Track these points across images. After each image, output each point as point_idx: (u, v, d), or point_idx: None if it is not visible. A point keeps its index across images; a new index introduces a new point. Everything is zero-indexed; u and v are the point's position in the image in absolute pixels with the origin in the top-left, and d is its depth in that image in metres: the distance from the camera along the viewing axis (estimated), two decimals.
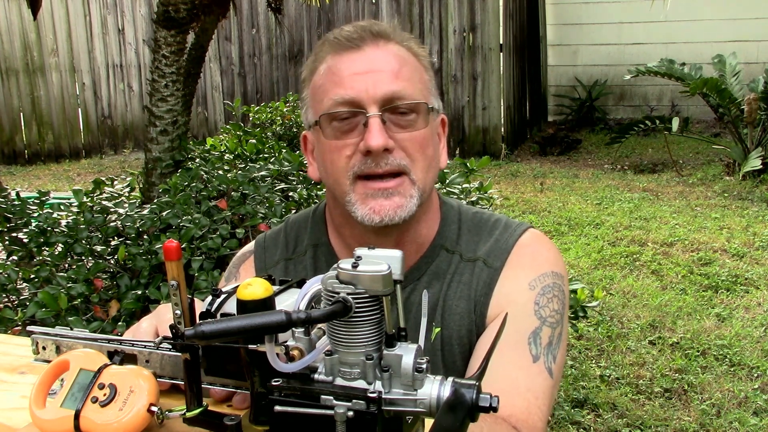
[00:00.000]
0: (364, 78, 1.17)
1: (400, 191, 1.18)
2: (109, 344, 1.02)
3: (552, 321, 1.22)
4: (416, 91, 1.20)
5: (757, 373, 3.53)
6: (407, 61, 1.22)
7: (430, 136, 1.23)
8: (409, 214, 1.19)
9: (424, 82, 1.24)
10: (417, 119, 1.19)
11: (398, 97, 1.17)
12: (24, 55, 9.30)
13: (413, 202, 1.19)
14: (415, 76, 1.22)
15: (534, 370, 1.18)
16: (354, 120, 1.18)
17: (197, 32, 3.90)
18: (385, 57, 1.20)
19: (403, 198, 1.18)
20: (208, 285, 2.45)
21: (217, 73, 9.75)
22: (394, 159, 1.18)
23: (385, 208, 1.18)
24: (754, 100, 6.78)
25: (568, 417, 3.17)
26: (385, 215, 1.18)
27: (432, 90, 1.26)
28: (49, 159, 9.48)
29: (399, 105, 1.17)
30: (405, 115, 1.18)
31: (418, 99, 1.19)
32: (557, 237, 5.55)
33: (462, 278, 1.26)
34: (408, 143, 1.19)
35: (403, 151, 1.18)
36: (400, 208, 1.18)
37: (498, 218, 1.33)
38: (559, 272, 1.27)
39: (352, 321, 0.77)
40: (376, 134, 1.15)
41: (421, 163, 1.20)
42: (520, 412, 1.13)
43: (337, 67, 1.20)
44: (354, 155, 1.18)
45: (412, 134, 1.19)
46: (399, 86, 1.18)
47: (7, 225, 2.95)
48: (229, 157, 3.80)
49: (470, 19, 8.41)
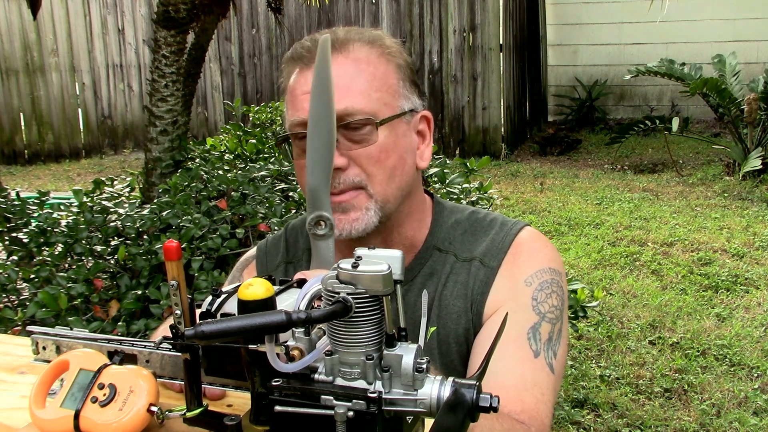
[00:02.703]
0: None
1: (354, 204, 1.18)
2: (109, 344, 1.02)
3: (551, 317, 1.22)
4: (370, 103, 1.16)
5: (757, 373, 3.53)
6: (364, 70, 1.18)
7: (392, 145, 1.19)
8: (368, 228, 1.18)
9: (386, 88, 1.20)
10: (372, 132, 1.17)
11: (347, 113, 1.15)
12: (24, 55, 9.30)
13: (370, 215, 1.18)
14: (372, 85, 1.18)
15: (536, 365, 1.17)
16: None
17: (197, 32, 3.90)
18: (335, 73, 1.14)
19: (359, 211, 1.18)
20: (208, 285, 2.45)
21: (217, 73, 9.75)
22: (347, 177, 1.17)
23: (342, 223, 1.18)
24: (754, 100, 6.78)
25: (568, 417, 3.17)
26: (342, 230, 1.18)
27: (402, 91, 1.22)
28: (49, 159, 9.48)
29: (349, 122, 1.15)
30: (357, 130, 1.16)
31: (369, 113, 1.16)
32: (557, 237, 5.55)
33: (459, 278, 1.26)
34: (363, 159, 1.17)
35: (358, 167, 1.17)
36: (356, 221, 1.18)
37: (494, 217, 1.33)
38: (556, 269, 1.27)
39: (353, 321, 0.77)
40: None
41: (379, 176, 1.18)
42: (531, 408, 1.13)
43: (293, 87, 1.20)
44: None
45: (366, 149, 1.17)
46: (347, 103, 1.15)
47: (7, 225, 2.95)
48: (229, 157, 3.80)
49: (470, 19, 8.41)
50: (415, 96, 1.25)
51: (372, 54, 1.20)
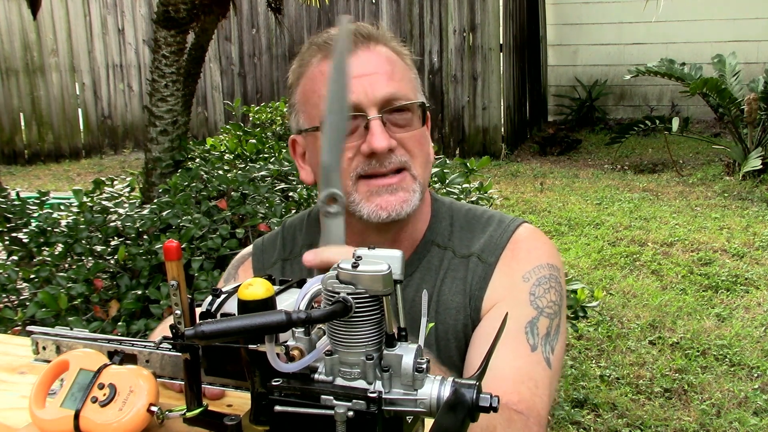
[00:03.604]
0: (361, 81, 1.18)
1: (403, 186, 1.21)
2: (109, 344, 1.02)
3: (549, 312, 1.22)
4: (410, 91, 1.24)
5: (757, 373, 3.53)
6: (395, 61, 1.25)
7: (425, 133, 1.26)
8: (413, 208, 1.22)
9: (412, 81, 1.27)
10: (413, 118, 1.23)
11: (395, 98, 1.20)
12: (24, 55, 9.29)
13: (416, 197, 1.22)
14: (405, 76, 1.25)
15: (533, 359, 1.18)
16: (354, 123, 1.19)
17: (197, 32, 3.90)
18: (378, 59, 1.22)
19: (407, 192, 1.21)
20: (208, 285, 2.45)
21: (217, 73, 9.75)
22: (396, 157, 1.21)
23: (391, 204, 1.20)
24: (754, 100, 6.78)
25: (568, 417, 3.17)
26: (392, 210, 1.20)
27: (419, 88, 1.29)
28: (49, 159, 9.48)
29: (398, 106, 1.20)
30: (402, 114, 1.21)
31: (412, 98, 1.23)
32: (557, 237, 5.55)
33: (457, 274, 1.27)
34: (408, 141, 1.22)
35: (403, 148, 1.21)
36: (405, 202, 1.21)
37: (492, 214, 1.33)
38: (554, 264, 1.27)
39: (352, 321, 0.77)
40: (379, 137, 1.17)
41: (420, 159, 1.23)
42: (527, 399, 1.14)
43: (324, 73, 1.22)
44: (356, 157, 1.20)
45: (411, 133, 1.22)
46: (395, 87, 1.20)
47: (7, 225, 2.95)
48: (229, 157, 3.80)
49: (470, 19, 8.41)
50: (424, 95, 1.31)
51: (395, 49, 1.27)
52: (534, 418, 1.13)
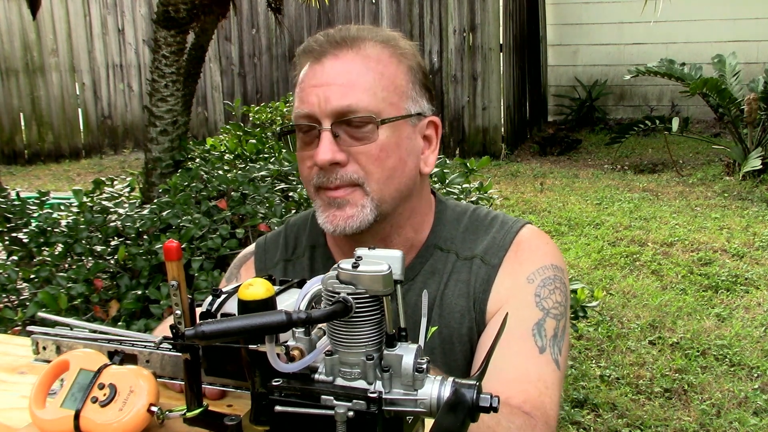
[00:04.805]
0: (318, 91, 1.16)
1: (350, 201, 1.18)
2: (109, 344, 1.02)
3: (556, 313, 1.22)
4: (375, 101, 1.16)
5: (757, 373, 3.53)
6: (373, 68, 1.18)
7: (393, 146, 1.19)
8: (363, 225, 1.18)
9: (393, 88, 1.19)
10: (373, 131, 1.17)
11: (350, 110, 1.15)
12: (24, 55, 9.29)
13: (366, 213, 1.18)
14: (379, 83, 1.17)
15: (542, 360, 1.17)
16: (312, 133, 1.18)
17: (197, 32, 3.90)
18: (343, 68, 1.17)
19: (354, 208, 1.18)
20: (208, 285, 2.45)
21: (217, 73, 9.74)
22: (345, 173, 1.17)
23: (336, 219, 1.18)
24: (754, 100, 6.78)
25: (568, 417, 3.17)
26: (336, 226, 1.18)
27: (411, 93, 1.22)
28: (49, 159, 9.48)
29: (350, 119, 1.16)
30: (359, 127, 1.16)
31: (372, 111, 1.16)
32: (557, 237, 5.55)
33: (460, 277, 1.26)
34: (362, 156, 1.17)
35: (357, 163, 1.17)
36: (351, 218, 1.18)
37: (495, 216, 1.33)
38: (558, 265, 1.27)
39: (353, 321, 0.77)
40: (323, 149, 1.15)
41: (376, 175, 1.18)
42: (533, 399, 1.13)
43: (302, 80, 1.21)
44: (313, 167, 1.19)
45: (366, 147, 1.17)
46: (351, 99, 1.15)
47: (7, 225, 2.95)
48: (229, 157, 3.80)
49: (470, 19, 8.41)
50: (424, 100, 1.25)
51: (384, 53, 1.21)
52: (541, 419, 1.12)
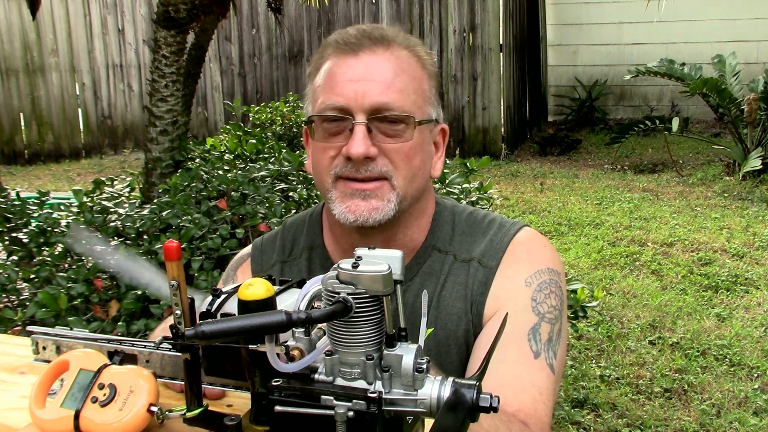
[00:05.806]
0: (355, 86, 1.18)
1: (377, 194, 1.19)
2: (109, 344, 1.02)
3: (551, 317, 1.22)
4: (408, 103, 1.19)
5: (757, 373, 3.53)
6: (405, 69, 1.21)
7: (419, 147, 1.22)
8: (385, 218, 1.19)
9: (421, 92, 1.23)
10: (405, 130, 1.19)
11: (387, 108, 1.18)
12: (24, 55, 9.29)
13: (390, 207, 1.19)
14: (410, 86, 1.21)
15: (536, 365, 1.18)
16: (342, 124, 1.19)
17: (197, 32, 3.90)
18: (381, 65, 1.20)
19: (380, 201, 1.19)
20: (208, 285, 2.45)
21: (217, 73, 9.74)
22: (375, 166, 1.18)
23: (360, 209, 1.19)
24: (754, 100, 6.77)
25: (568, 417, 3.17)
26: (359, 216, 1.19)
27: (432, 99, 1.25)
28: (49, 159, 9.47)
29: (387, 115, 1.18)
30: (393, 124, 1.19)
31: (407, 111, 1.19)
32: (557, 237, 5.55)
33: (458, 279, 1.26)
34: (393, 152, 1.19)
35: (387, 158, 1.19)
36: (376, 210, 1.19)
37: (492, 218, 1.33)
38: (555, 269, 1.27)
39: (353, 321, 0.77)
40: (358, 142, 1.16)
41: (404, 171, 1.20)
42: (528, 407, 1.14)
43: (334, 71, 1.21)
44: (337, 157, 1.20)
45: (398, 144, 1.19)
46: (389, 97, 1.18)
47: (7, 225, 2.95)
48: (229, 157, 3.80)
49: (470, 19, 8.41)
50: (439, 107, 1.28)
51: (411, 58, 1.23)
52: (535, 425, 1.13)
